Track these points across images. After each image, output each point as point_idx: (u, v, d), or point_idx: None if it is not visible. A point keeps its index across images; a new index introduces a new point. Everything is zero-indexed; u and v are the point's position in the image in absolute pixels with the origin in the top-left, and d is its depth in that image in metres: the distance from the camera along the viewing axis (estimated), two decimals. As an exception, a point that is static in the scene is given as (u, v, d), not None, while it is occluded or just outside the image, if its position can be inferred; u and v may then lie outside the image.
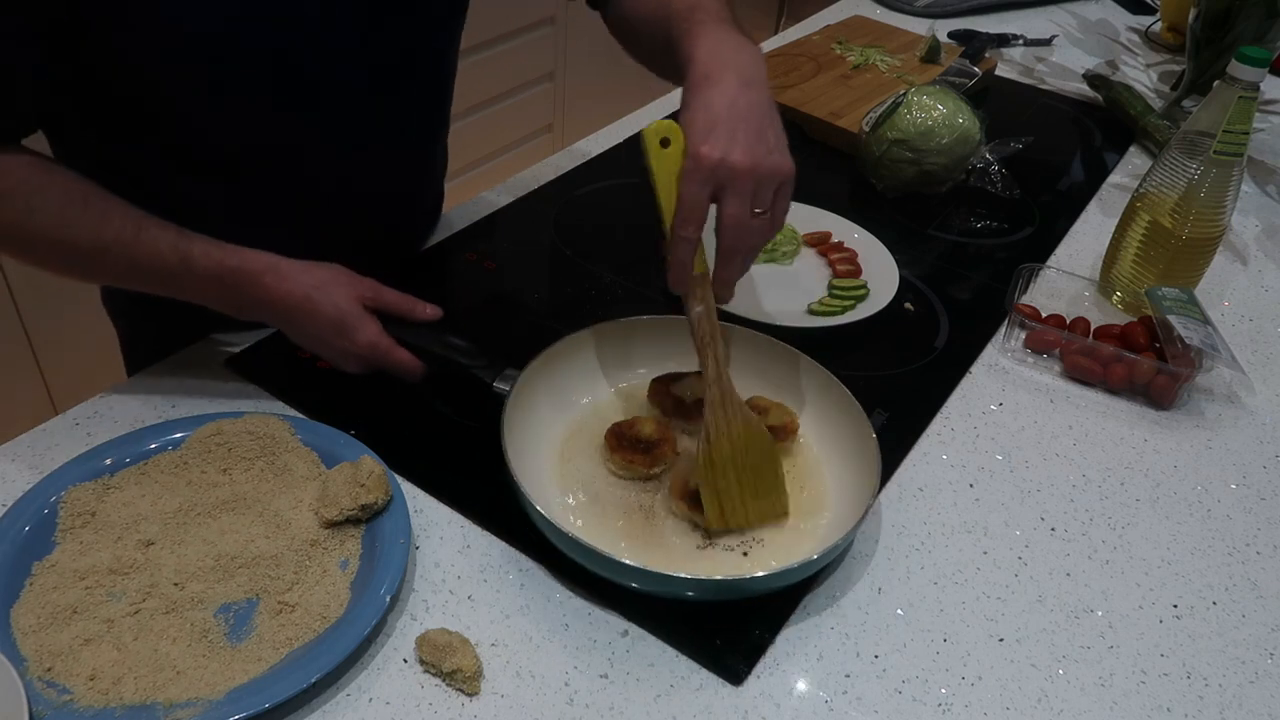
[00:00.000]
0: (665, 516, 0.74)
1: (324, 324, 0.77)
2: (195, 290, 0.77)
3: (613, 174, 1.20)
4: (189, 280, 0.76)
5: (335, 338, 0.78)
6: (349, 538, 0.71)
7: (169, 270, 0.75)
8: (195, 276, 0.76)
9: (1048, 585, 0.74)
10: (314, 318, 0.77)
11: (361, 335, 0.77)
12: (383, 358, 0.78)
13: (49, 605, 0.64)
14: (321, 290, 0.77)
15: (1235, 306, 1.08)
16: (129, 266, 0.76)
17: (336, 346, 0.78)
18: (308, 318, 0.77)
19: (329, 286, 0.77)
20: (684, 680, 0.65)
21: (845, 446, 0.78)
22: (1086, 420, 0.90)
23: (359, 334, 0.77)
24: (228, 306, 0.79)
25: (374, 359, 0.78)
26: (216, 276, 0.76)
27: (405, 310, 0.80)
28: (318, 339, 0.79)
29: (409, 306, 0.81)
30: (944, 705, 0.65)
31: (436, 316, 0.81)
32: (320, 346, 0.79)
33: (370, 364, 0.79)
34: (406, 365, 0.79)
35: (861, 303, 0.99)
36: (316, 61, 0.81)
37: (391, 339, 0.78)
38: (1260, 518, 0.82)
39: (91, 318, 1.06)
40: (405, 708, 0.62)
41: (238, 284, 0.76)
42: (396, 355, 0.78)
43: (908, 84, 1.38)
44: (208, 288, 0.77)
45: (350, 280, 0.79)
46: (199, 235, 0.76)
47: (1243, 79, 0.90)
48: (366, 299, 0.79)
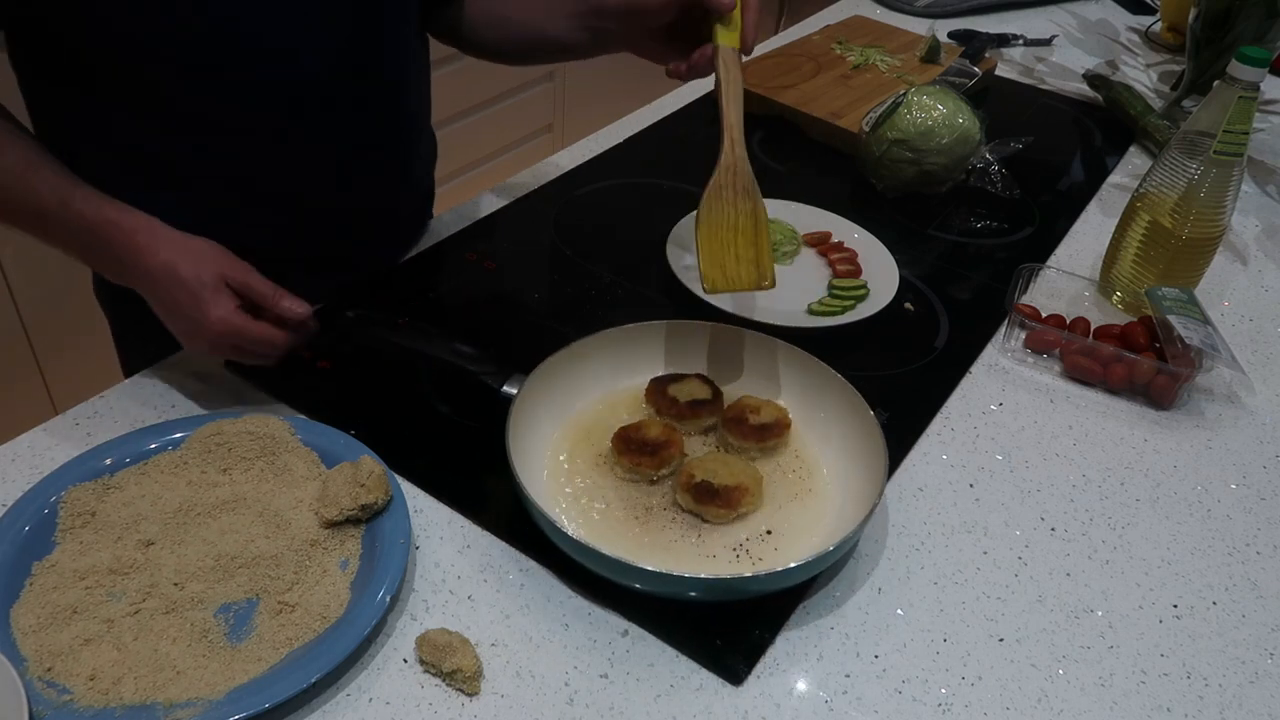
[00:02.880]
0: (670, 517, 0.74)
1: (181, 291, 0.74)
2: (68, 236, 0.76)
3: (613, 174, 1.20)
4: (62, 225, 0.74)
5: (190, 307, 0.74)
6: (349, 538, 0.71)
7: (45, 210, 0.74)
8: (69, 222, 0.74)
9: (1048, 585, 0.74)
10: (172, 283, 0.74)
11: (214, 309, 0.73)
12: (238, 334, 0.74)
13: (49, 605, 0.64)
14: (186, 257, 0.74)
15: (1235, 306, 1.08)
16: (9, 201, 0.75)
17: (190, 317, 0.74)
18: (166, 282, 0.74)
19: (195, 256, 0.75)
20: (684, 680, 0.65)
21: (850, 444, 0.78)
22: (1086, 420, 0.90)
23: (212, 307, 0.73)
24: (95, 260, 0.78)
25: (226, 333, 0.74)
26: (90, 226, 0.74)
27: (268, 299, 0.76)
28: (172, 306, 0.75)
29: (275, 297, 0.76)
30: (944, 705, 0.65)
31: (304, 315, 0.77)
32: (174, 317, 0.76)
33: (220, 340, 0.75)
34: (269, 337, 0.75)
35: (861, 303, 0.99)
36: (280, 49, 0.80)
37: (247, 316, 0.75)
38: (1260, 518, 0.82)
39: (91, 318, 1.06)
40: (405, 708, 0.62)
41: (109, 237, 0.74)
42: (254, 329, 0.74)
43: (908, 84, 1.38)
44: (79, 236, 0.75)
45: (220, 255, 0.76)
46: (89, 187, 0.75)
47: (1243, 79, 0.90)
48: (233, 279, 0.75)
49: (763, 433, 0.78)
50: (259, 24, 0.79)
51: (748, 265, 0.82)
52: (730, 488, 0.73)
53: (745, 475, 0.75)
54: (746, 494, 0.73)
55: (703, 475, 0.74)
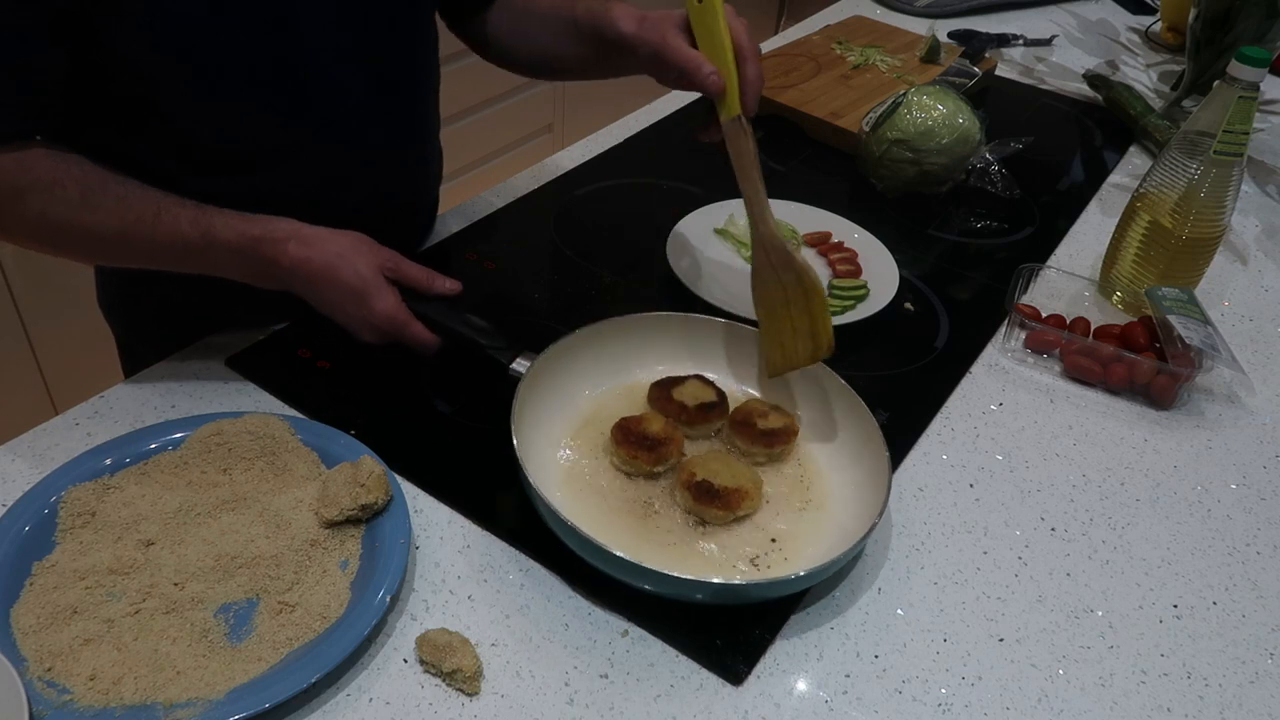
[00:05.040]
0: (669, 513, 0.74)
1: (344, 291, 0.77)
2: (219, 263, 0.78)
3: (613, 174, 1.20)
4: (213, 254, 0.77)
5: (354, 306, 0.78)
6: (349, 538, 0.71)
7: (192, 246, 0.76)
8: (218, 249, 0.77)
9: (1048, 585, 0.74)
10: (335, 285, 0.77)
11: (380, 304, 0.77)
12: (400, 330, 0.78)
13: (49, 605, 0.64)
14: (344, 257, 0.77)
15: (1235, 306, 1.08)
16: (151, 246, 0.77)
17: (355, 314, 0.78)
18: (329, 285, 0.78)
19: (351, 254, 0.78)
20: (684, 680, 0.65)
21: (854, 449, 0.78)
22: (1086, 420, 0.90)
23: (377, 302, 0.77)
24: (251, 275, 0.80)
25: (391, 329, 0.78)
26: (238, 248, 0.77)
27: (424, 284, 0.80)
28: (338, 305, 0.79)
29: (429, 280, 0.80)
30: (944, 705, 0.65)
31: (456, 290, 0.81)
32: (339, 314, 0.79)
33: (386, 334, 0.79)
34: (422, 339, 0.79)
35: (861, 303, 0.99)
36: (301, 59, 0.81)
37: (410, 312, 0.78)
38: (1260, 518, 0.82)
39: (91, 318, 1.06)
40: (405, 708, 0.62)
41: (261, 253, 0.77)
42: (413, 329, 0.78)
43: (908, 84, 1.38)
44: (230, 259, 0.78)
45: (372, 249, 0.79)
46: (216, 209, 0.78)
47: (1243, 79, 0.90)
48: (387, 268, 0.79)
49: (771, 438, 0.78)
50: (301, 54, 0.81)
51: (804, 338, 0.81)
52: (730, 489, 0.73)
53: (745, 477, 0.74)
54: (746, 497, 0.73)
55: (703, 474, 0.74)
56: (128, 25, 0.72)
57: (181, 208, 0.77)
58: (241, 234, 0.77)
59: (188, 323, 0.88)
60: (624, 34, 0.84)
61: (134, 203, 0.76)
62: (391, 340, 0.80)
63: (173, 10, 0.72)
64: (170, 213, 0.76)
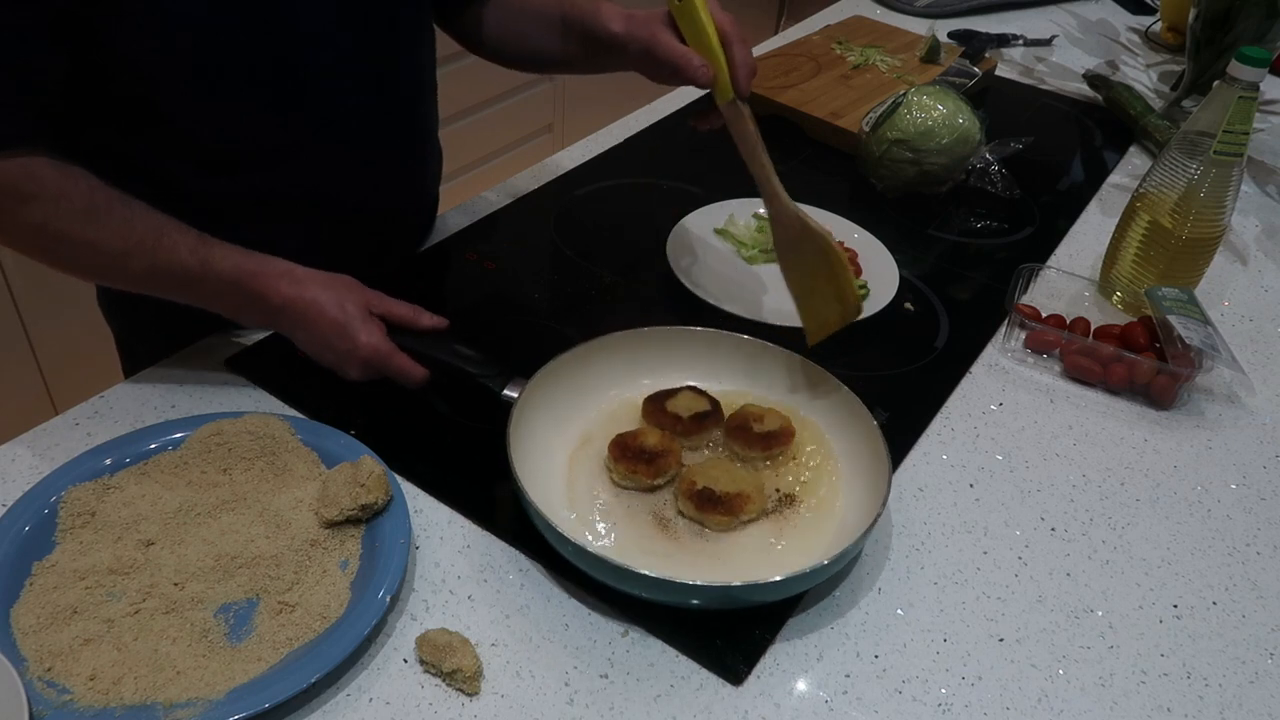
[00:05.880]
0: (670, 524, 0.74)
1: (328, 325, 0.78)
2: (212, 294, 0.79)
3: (613, 174, 1.20)
4: (208, 284, 0.78)
5: (339, 339, 0.78)
6: (349, 538, 0.71)
7: (191, 273, 0.77)
8: (214, 280, 0.77)
9: (1048, 585, 0.74)
10: (320, 320, 0.78)
11: (364, 336, 0.78)
12: (384, 361, 0.78)
13: (49, 605, 0.64)
14: (329, 293, 0.78)
15: (1235, 306, 1.08)
16: (150, 270, 0.77)
17: (340, 349, 0.78)
18: (314, 321, 0.78)
19: (336, 292, 0.79)
20: (684, 680, 0.65)
21: (854, 449, 0.78)
22: (1086, 420, 0.90)
23: (361, 334, 0.78)
24: (241, 311, 0.81)
25: (375, 360, 0.78)
26: (234, 279, 0.78)
27: (410, 320, 0.81)
28: (323, 341, 0.79)
29: (414, 316, 0.81)
30: (944, 705, 0.65)
31: (441, 326, 0.82)
32: (326, 352, 0.80)
33: (371, 369, 0.79)
34: (407, 371, 0.79)
35: (862, 302, 0.98)
36: (301, 59, 0.81)
37: (394, 344, 0.79)
38: (1260, 518, 0.82)
39: (91, 318, 1.06)
40: (405, 708, 0.62)
41: (254, 287, 0.78)
42: (398, 360, 0.79)
43: (908, 84, 1.38)
44: (224, 290, 0.78)
45: (359, 288, 0.81)
46: (215, 239, 0.78)
47: (1243, 79, 0.90)
48: (373, 305, 0.80)
49: (768, 441, 0.78)
50: (301, 54, 0.81)
51: (833, 304, 0.85)
52: (732, 495, 0.73)
53: (746, 482, 0.74)
54: (748, 501, 0.73)
55: (704, 482, 0.74)
56: (128, 25, 0.72)
57: (182, 234, 0.77)
58: (237, 266, 0.77)
59: (188, 323, 0.88)
60: (614, 33, 0.85)
61: (138, 224, 0.76)
62: (377, 374, 0.80)
63: (173, 10, 0.73)
64: (171, 238, 0.76)
